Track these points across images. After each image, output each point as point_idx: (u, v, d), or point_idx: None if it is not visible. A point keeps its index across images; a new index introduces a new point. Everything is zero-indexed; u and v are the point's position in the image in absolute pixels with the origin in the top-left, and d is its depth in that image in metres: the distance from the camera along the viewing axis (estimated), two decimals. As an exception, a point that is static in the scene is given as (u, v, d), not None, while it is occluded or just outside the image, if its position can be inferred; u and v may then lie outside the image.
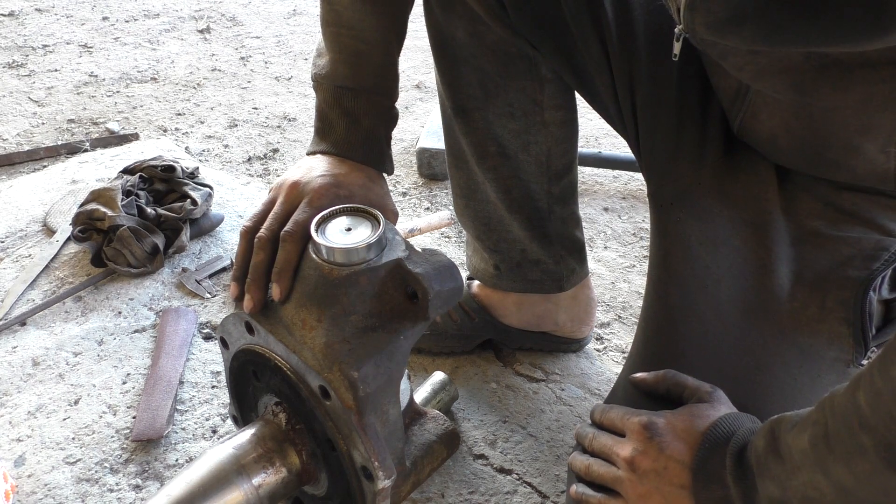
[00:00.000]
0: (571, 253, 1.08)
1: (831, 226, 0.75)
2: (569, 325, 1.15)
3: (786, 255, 0.75)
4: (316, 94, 0.88)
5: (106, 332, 1.21)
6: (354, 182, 0.82)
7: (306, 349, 0.72)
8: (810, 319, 0.74)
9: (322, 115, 0.87)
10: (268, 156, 1.82)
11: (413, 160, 1.72)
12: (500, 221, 1.05)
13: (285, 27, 2.44)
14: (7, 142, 1.87)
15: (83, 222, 1.31)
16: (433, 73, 1.00)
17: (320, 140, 0.86)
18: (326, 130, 0.86)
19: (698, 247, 0.79)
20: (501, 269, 1.09)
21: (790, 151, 0.75)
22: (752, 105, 0.75)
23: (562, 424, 1.07)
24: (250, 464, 0.76)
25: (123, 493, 0.97)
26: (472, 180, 1.03)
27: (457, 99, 0.96)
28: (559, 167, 1.01)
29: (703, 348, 0.76)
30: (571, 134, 1.01)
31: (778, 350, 0.74)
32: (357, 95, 0.84)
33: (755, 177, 0.79)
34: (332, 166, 0.82)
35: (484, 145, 0.98)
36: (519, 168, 0.99)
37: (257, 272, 0.75)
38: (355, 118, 0.85)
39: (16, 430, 1.05)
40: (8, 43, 2.31)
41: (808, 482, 0.57)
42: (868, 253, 0.73)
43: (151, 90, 2.09)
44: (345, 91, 0.84)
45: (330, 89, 0.85)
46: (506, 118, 0.96)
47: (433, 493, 0.97)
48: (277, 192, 0.80)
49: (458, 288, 0.76)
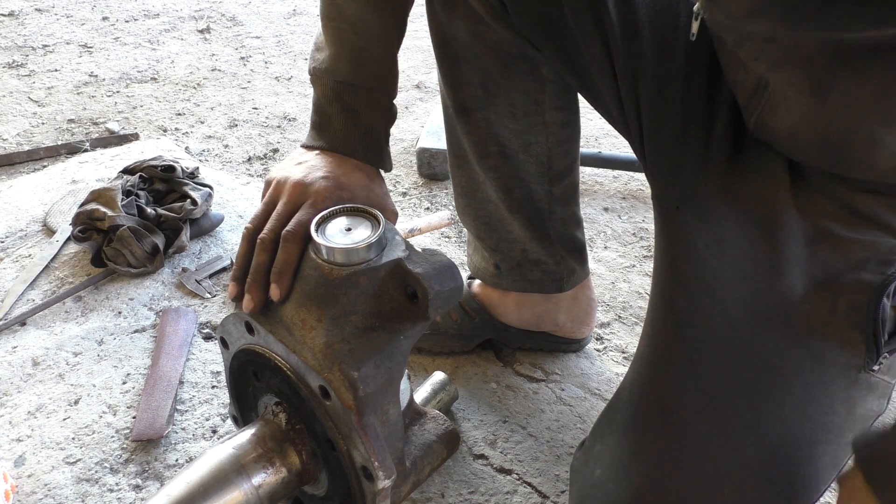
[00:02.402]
0: (572, 253, 1.08)
1: (846, 227, 0.73)
2: (569, 325, 1.15)
3: (797, 255, 0.74)
4: (314, 88, 0.87)
5: (106, 332, 1.21)
6: (356, 183, 0.82)
7: (306, 349, 0.72)
8: (821, 323, 0.73)
9: (320, 110, 0.86)
10: (268, 156, 1.82)
11: (413, 160, 1.72)
12: (501, 221, 1.05)
13: (285, 27, 2.44)
14: (7, 142, 1.87)
15: (83, 222, 1.31)
16: (433, 72, 1.01)
17: (318, 135, 0.86)
18: (324, 126, 0.85)
19: (705, 250, 0.77)
20: (502, 268, 1.09)
21: (810, 147, 0.73)
22: (770, 100, 0.73)
23: (562, 424, 1.07)
24: (250, 464, 0.76)
25: (123, 493, 0.97)
26: (472, 179, 1.03)
27: (458, 98, 0.96)
28: (560, 168, 1.01)
29: (712, 353, 0.75)
30: (573, 135, 1.01)
31: (788, 353, 0.73)
32: (357, 91, 0.84)
33: (766, 176, 0.77)
34: (333, 166, 0.82)
35: (485, 145, 0.98)
36: (520, 168, 0.99)
37: (258, 272, 0.75)
38: (354, 114, 0.84)
39: (16, 430, 1.05)
40: (8, 43, 2.31)
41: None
42: (883, 257, 0.72)
43: (151, 90, 2.09)
44: (345, 87, 0.84)
45: (329, 84, 0.85)
46: (507, 118, 0.96)
47: (433, 493, 0.97)
48: (278, 191, 0.80)
49: (458, 288, 0.76)
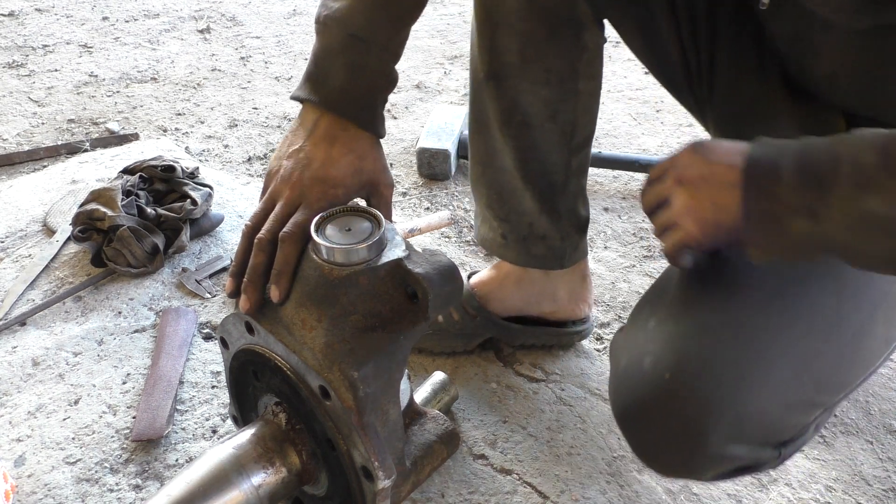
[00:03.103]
0: (577, 230, 1.10)
1: None
2: (567, 302, 1.16)
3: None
4: (318, 37, 0.82)
5: (106, 332, 1.21)
6: (346, 171, 0.80)
7: (306, 349, 0.72)
8: None
9: (320, 62, 0.82)
10: (268, 156, 1.82)
11: (413, 160, 1.72)
12: (514, 192, 1.06)
13: (285, 27, 2.44)
14: (7, 142, 1.87)
15: (83, 222, 1.31)
16: (433, 72, 1.01)
17: (312, 89, 0.82)
18: (321, 79, 0.82)
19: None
20: (508, 239, 1.10)
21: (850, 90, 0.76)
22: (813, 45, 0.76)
23: (562, 424, 1.07)
24: (250, 464, 0.76)
25: (123, 493, 0.97)
26: (491, 147, 1.05)
27: (492, 65, 0.97)
28: (581, 139, 1.03)
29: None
30: (595, 107, 1.03)
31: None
32: (368, 49, 0.81)
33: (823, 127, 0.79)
34: (323, 152, 0.80)
35: (510, 112, 0.99)
36: (541, 138, 1.01)
37: (255, 273, 0.76)
38: (358, 72, 0.81)
39: (16, 430, 1.05)
40: (8, 43, 2.31)
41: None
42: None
43: (151, 90, 2.09)
44: (355, 41, 0.80)
45: (338, 36, 0.80)
46: (540, 85, 0.97)
47: (433, 493, 0.97)
48: (276, 189, 0.80)
49: (458, 288, 0.76)
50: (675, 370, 0.71)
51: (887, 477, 1.04)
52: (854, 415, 1.12)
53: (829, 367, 0.75)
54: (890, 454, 1.07)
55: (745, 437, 0.73)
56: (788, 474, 1.02)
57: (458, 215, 1.58)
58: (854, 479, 1.03)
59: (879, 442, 1.09)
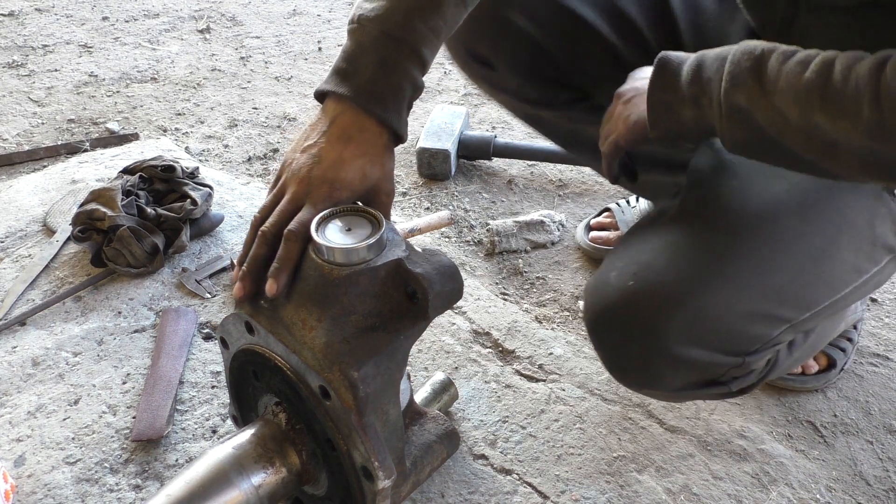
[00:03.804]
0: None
1: None
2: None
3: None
4: (350, 38, 0.82)
5: (106, 332, 1.21)
6: (355, 176, 0.80)
7: (306, 349, 0.72)
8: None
9: (350, 57, 0.81)
10: (268, 156, 1.82)
11: (413, 160, 1.72)
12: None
13: (285, 27, 2.44)
14: (7, 142, 1.87)
15: (83, 222, 1.31)
16: (433, 72, 1.00)
17: (341, 80, 0.81)
18: (350, 73, 0.81)
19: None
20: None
21: None
22: (799, 34, 0.79)
23: (562, 424, 1.07)
24: (250, 464, 0.76)
25: (123, 493, 0.97)
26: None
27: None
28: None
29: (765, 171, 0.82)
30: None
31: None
32: (400, 48, 0.80)
33: None
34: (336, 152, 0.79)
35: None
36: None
37: (254, 264, 0.77)
38: (389, 70, 0.80)
39: (16, 430, 1.05)
40: (8, 43, 2.31)
41: (780, 108, 0.68)
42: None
43: (151, 90, 2.09)
44: (389, 40, 0.79)
45: (373, 34, 0.80)
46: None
47: (433, 493, 0.97)
48: (286, 182, 0.80)
49: (458, 288, 0.76)
50: (637, 277, 0.81)
51: (887, 477, 1.04)
52: (854, 415, 1.12)
53: (790, 281, 0.83)
54: (890, 454, 1.07)
55: (703, 341, 0.80)
56: (788, 474, 1.02)
57: (458, 215, 1.58)
58: (854, 479, 1.03)
59: (879, 442, 1.09)
